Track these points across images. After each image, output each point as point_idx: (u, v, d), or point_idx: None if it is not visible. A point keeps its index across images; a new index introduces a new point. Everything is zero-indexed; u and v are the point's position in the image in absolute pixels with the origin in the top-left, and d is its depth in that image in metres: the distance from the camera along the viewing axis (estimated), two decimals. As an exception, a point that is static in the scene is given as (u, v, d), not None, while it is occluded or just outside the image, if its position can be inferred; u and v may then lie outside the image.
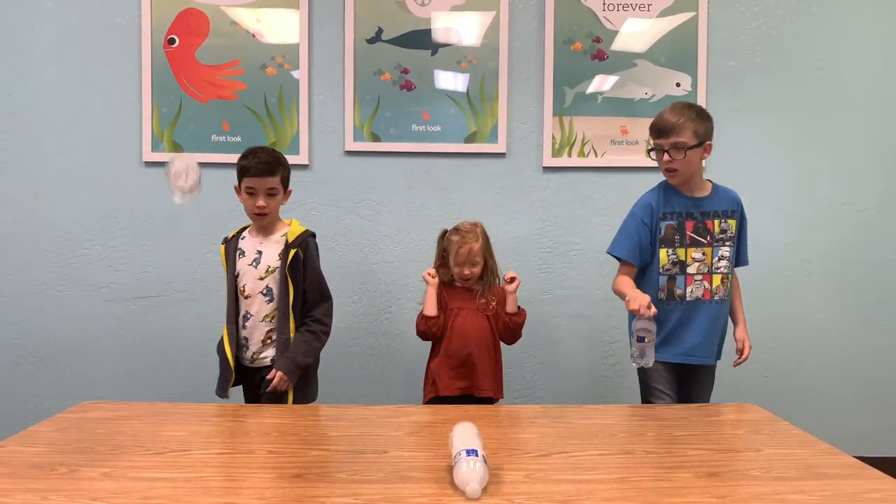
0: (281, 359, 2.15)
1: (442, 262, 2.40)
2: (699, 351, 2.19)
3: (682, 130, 2.10)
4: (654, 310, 1.97)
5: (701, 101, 2.86)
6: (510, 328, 2.34)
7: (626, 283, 2.14)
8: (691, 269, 2.18)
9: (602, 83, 2.89)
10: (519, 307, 2.36)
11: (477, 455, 1.33)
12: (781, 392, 2.93)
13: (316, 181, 2.88)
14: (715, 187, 2.25)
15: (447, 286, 2.39)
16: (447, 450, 1.44)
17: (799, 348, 2.96)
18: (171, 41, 2.83)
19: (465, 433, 1.44)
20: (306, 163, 2.87)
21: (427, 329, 2.33)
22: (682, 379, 2.23)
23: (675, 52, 2.89)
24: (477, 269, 2.34)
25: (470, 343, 2.30)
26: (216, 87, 2.85)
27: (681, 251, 2.18)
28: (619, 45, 2.89)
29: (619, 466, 1.49)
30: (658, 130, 2.14)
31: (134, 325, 2.88)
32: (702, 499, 1.30)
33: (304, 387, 2.24)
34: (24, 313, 2.87)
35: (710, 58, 2.90)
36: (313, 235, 2.30)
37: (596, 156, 2.90)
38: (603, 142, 2.89)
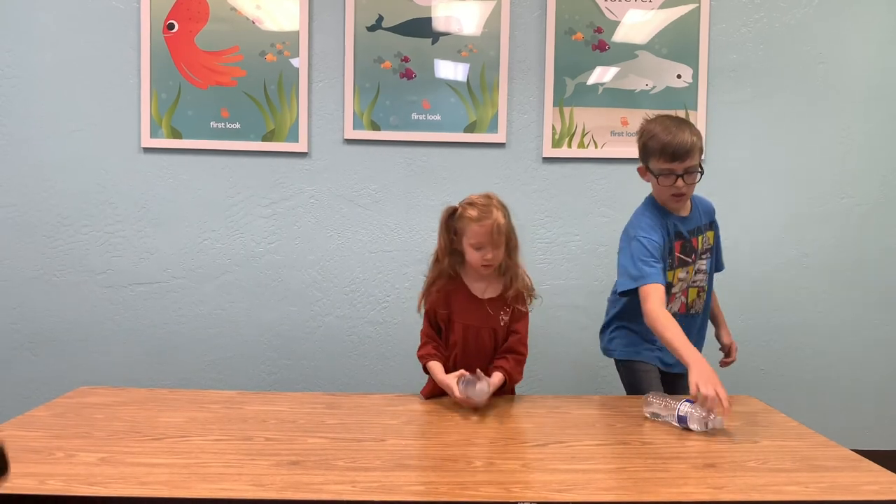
0: None
1: (451, 247, 1.95)
2: (675, 361, 1.97)
3: (695, 152, 1.92)
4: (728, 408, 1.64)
5: (702, 94, 2.85)
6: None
7: (681, 335, 1.81)
8: (675, 289, 2.05)
9: (603, 74, 2.88)
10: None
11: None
12: (778, 385, 2.94)
13: (315, 169, 2.87)
14: (693, 202, 2.10)
15: (453, 285, 1.98)
16: (445, 438, 1.45)
17: (796, 341, 2.96)
18: (171, 26, 2.81)
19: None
20: (305, 151, 2.86)
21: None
22: (665, 387, 2.10)
23: (677, 43, 2.87)
24: (500, 253, 1.88)
25: (480, 361, 1.94)
26: (215, 74, 2.83)
27: (669, 274, 2.02)
28: (620, 35, 2.87)
29: (616, 456, 1.50)
30: (673, 154, 1.90)
31: (131, 311, 2.88)
32: (698, 489, 1.31)
33: None
34: (21, 298, 2.86)
35: (712, 50, 2.88)
36: None
37: (596, 147, 2.89)
38: (603, 133, 2.89)
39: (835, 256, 2.94)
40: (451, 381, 1.84)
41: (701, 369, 1.68)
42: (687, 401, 1.69)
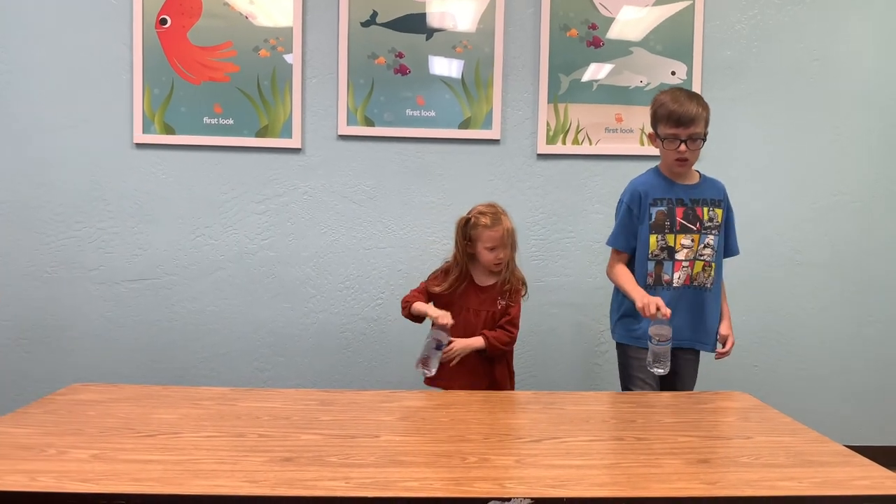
0: None
1: (465, 251, 2.24)
2: (681, 334, 2.12)
3: (700, 121, 2.10)
4: (667, 311, 1.98)
5: (696, 90, 2.85)
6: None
7: (628, 279, 2.17)
8: (679, 256, 2.18)
9: (597, 71, 2.87)
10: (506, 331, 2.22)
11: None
12: (771, 381, 2.95)
13: (309, 165, 2.86)
14: (702, 177, 2.26)
15: (462, 282, 2.26)
16: (439, 434, 1.44)
17: (788, 338, 2.97)
18: (163, 21, 2.80)
19: None
20: (299, 147, 2.85)
21: (408, 318, 2.26)
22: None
23: (671, 40, 2.87)
24: (508, 252, 2.23)
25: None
26: (208, 69, 2.82)
27: (670, 237, 2.17)
28: (614, 32, 2.87)
29: (610, 452, 1.50)
30: (678, 120, 2.09)
31: (124, 307, 2.86)
32: (692, 485, 1.31)
33: None
34: (13, 295, 2.84)
35: (706, 47, 2.89)
36: None
37: (590, 143, 2.89)
38: (597, 129, 2.89)
39: (827, 254, 2.95)
40: (430, 309, 2.17)
41: (643, 297, 2.04)
42: (654, 342, 1.97)
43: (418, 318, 2.23)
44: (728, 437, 1.61)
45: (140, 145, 2.83)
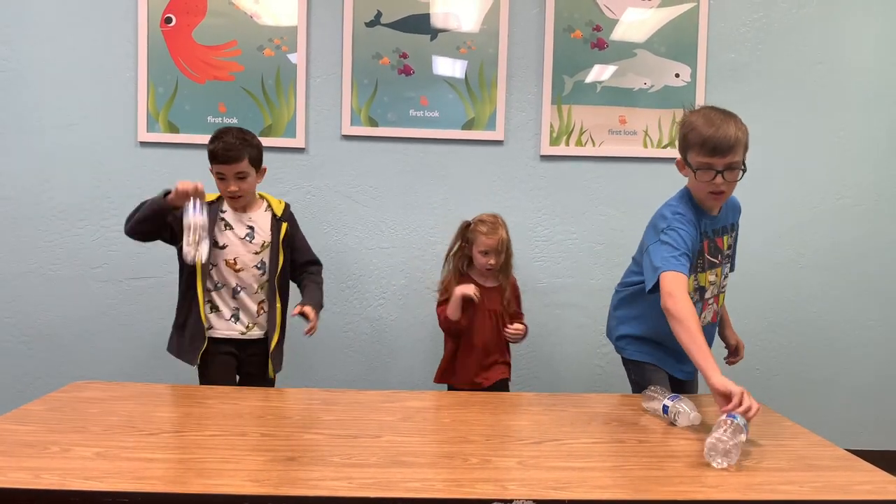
0: (309, 303, 2.21)
1: (460, 251, 2.44)
2: (686, 368, 2.05)
3: (739, 147, 1.78)
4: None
5: (700, 93, 2.86)
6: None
7: (701, 338, 1.65)
8: (708, 294, 1.95)
9: (601, 72, 2.87)
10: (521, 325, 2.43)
11: None
12: (773, 384, 2.95)
13: (312, 165, 2.87)
14: None
15: (463, 277, 2.43)
16: (441, 435, 1.44)
17: (791, 341, 2.97)
18: (168, 20, 2.80)
19: None
20: (303, 146, 2.85)
21: (449, 329, 2.40)
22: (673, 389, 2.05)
23: (675, 42, 2.87)
24: (501, 259, 2.39)
25: (489, 343, 2.40)
26: (213, 68, 2.82)
27: (701, 277, 1.92)
28: (618, 34, 2.87)
29: (612, 454, 1.50)
30: (714, 149, 1.77)
31: (127, 305, 2.87)
32: (693, 488, 1.31)
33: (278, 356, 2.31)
34: (16, 292, 2.85)
35: (710, 49, 2.88)
36: (290, 205, 2.38)
37: (594, 145, 2.89)
38: (601, 131, 2.89)
39: (830, 257, 2.95)
40: (458, 291, 2.33)
41: (725, 380, 1.55)
42: (672, 397, 1.70)
43: (455, 323, 2.36)
44: (730, 441, 1.60)
45: (144, 143, 2.83)
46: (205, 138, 2.76)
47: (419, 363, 2.88)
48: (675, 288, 1.71)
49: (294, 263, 2.35)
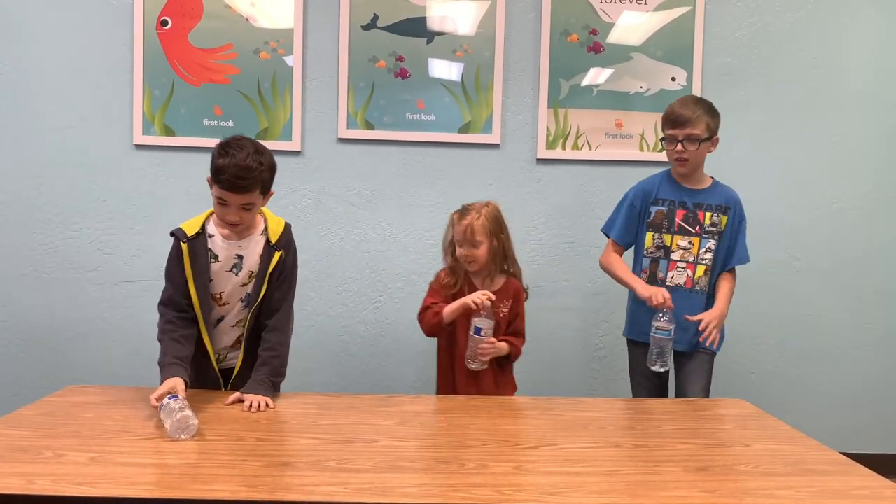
0: (258, 385, 1.83)
1: (451, 245, 2.17)
2: (682, 336, 2.22)
3: (696, 123, 2.21)
4: (669, 303, 2.12)
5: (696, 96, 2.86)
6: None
7: (627, 269, 2.32)
8: (675, 256, 2.29)
9: (597, 76, 2.88)
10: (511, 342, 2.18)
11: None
12: (769, 388, 2.95)
13: (308, 168, 2.86)
14: (715, 183, 2.34)
15: (464, 280, 2.16)
16: (438, 440, 1.44)
17: (786, 345, 2.97)
18: (164, 23, 2.80)
19: None
20: (299, 149, 2.84)
21: (431, 329, 2.14)
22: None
23: (671, 46, 2.88)
24: (479, 252, 2.08)
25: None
26: (209, 71, 2.82)
27: (667, 237, 2.29)
28: (615, 37, 2.87)
29: (608, 459, 1.50)
30: (673, 122, 2.23)
31: (122, 309, 2.86)
32: (690, 493, 1.31)
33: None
34: (10, 295, 2.84)
35: (706, 53, 2.89)
36: (290, 227, 2.03)
37: (590, 149, 2.89)
38: (597, 135, 2.89)
39: (825, 260, 2.95)
40: (464, 298, 2.04)
41: (647, 288, 2.18)
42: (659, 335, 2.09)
43: (447, 325, 2.08)
44: (726, 445, 1.61)
45: (140, 146, 2.82)
46: (200, 141, 2.79)
47: (415, 367, 2.87)
48: (605, 250, 2.41)
49: (263, 304, 1.92)
